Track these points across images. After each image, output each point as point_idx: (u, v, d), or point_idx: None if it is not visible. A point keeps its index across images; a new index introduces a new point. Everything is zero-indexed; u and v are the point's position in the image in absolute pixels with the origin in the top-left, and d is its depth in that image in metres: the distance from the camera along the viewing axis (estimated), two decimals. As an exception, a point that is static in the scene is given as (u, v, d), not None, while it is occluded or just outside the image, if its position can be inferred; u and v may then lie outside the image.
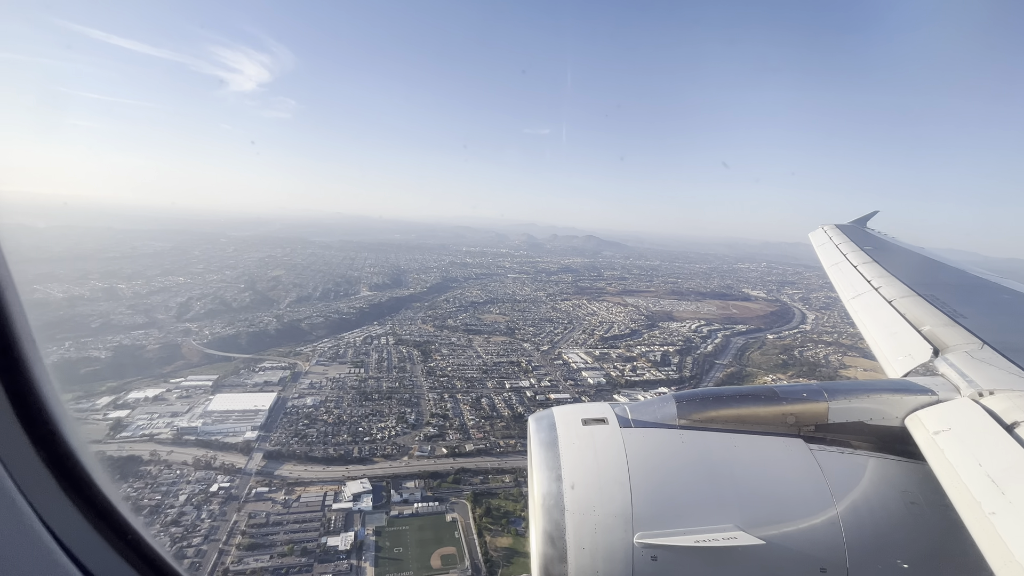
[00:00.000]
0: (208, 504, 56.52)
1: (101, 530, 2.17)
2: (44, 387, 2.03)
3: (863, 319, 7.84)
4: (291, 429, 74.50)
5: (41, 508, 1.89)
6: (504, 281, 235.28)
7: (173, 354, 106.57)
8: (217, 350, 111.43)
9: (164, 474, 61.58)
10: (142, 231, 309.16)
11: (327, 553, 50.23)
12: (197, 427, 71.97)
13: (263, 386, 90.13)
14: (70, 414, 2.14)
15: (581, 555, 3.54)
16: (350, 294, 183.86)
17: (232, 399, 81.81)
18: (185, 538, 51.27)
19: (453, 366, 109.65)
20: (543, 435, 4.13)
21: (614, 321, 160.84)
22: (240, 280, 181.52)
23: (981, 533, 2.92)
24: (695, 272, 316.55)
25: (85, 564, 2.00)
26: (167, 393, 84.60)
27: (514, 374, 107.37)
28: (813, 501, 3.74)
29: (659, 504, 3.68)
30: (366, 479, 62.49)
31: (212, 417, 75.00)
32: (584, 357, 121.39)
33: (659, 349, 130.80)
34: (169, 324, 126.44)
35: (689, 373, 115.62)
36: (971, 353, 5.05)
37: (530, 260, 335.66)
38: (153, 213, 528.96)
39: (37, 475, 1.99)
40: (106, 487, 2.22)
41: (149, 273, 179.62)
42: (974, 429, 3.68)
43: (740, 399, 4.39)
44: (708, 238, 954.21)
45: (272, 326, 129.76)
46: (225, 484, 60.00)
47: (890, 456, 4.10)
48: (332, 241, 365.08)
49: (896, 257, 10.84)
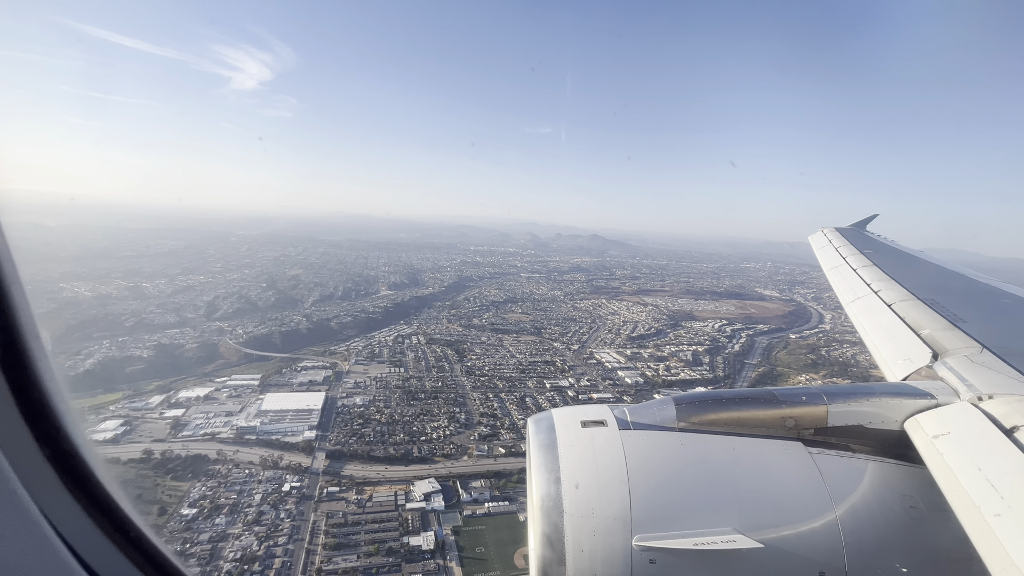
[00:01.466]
0: (284, 503, 56.79)
1: (104, 527, 2.17)
2: (48, 383, 2.02)
3: (863, 322, 7.87)
4: (347, 428, 74.80)
5: (44, 505, 1.87)
6: (518, 280, 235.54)
7: (212, 353, 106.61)
8: (254, 349, 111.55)
9: (234, 473, 61.78)
10: (153, 230, 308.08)
11: (412, 553, 50.52)
12: (256, 426, 72.16)
13: (308, 386, 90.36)
14: (74, 410, 2.14)
15: (580, 557, 3.53)
16: (370, 293, 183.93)
17: (283, 399, 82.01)
18: (270, 537, 51.53)
19: (490, 365, 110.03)
20: (542, 437, 4.11)
21: (637, 321, 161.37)
22: (260, 279, 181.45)
23: (980, 537, 2.92)
24: (704, 271, 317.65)
25: (88, 561, 1.98)
26: (216, 392, 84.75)
27: (551, 374, 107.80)
28: (812, 505, 3.74)
29: (658, 507, 3.67)
30: (433, 479, 62.84)
31: (268, 417, 75.17)
32: (616, 356, 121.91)
33: (688, 349, 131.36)
34: (201, 323, 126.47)
35: (722, 373, 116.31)
36: (970, 357, 5.05)
37: (540, 259, 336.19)
38: (158, 211, 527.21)
39: (40, 471, 1.98)
40: (109, 484, 2.23)
41: (170, 272, 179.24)
42: (973, 433, 3.68)
43: (739, 402, 4.39)
44: (709, 237, 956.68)
45: (303, 325, 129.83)
46: (296, 484, 60.23)
47: (889, 460, 4.10)
48: (340, 240, 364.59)
49: (896, 261, 10.81)
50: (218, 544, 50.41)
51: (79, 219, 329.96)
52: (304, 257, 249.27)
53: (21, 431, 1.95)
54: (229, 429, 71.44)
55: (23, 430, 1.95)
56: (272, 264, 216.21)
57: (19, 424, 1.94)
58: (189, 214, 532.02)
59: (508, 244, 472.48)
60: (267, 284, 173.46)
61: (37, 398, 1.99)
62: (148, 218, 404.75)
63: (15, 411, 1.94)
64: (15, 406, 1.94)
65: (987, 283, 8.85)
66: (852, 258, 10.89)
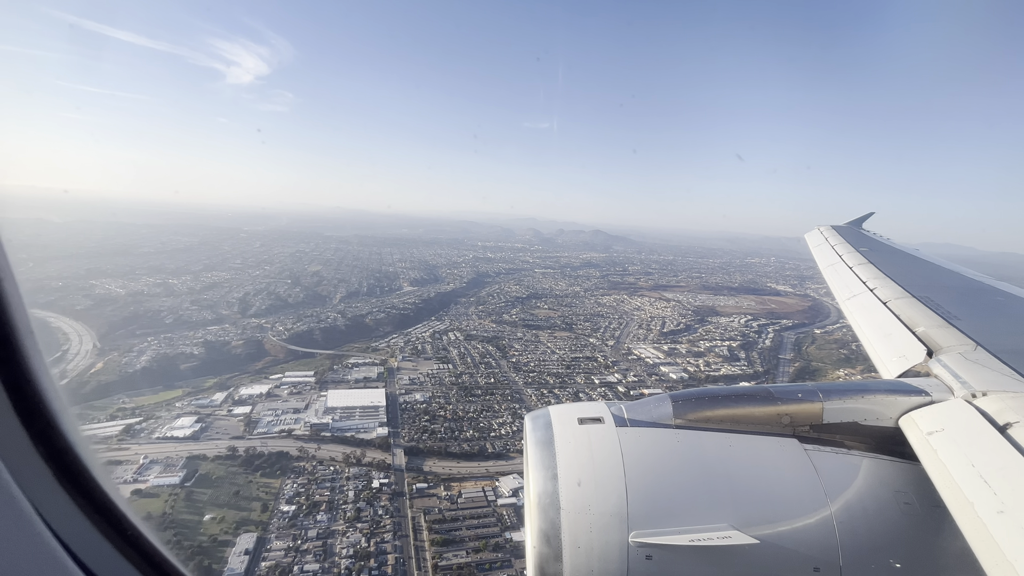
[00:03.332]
0: (377, 500, 57.16)
1: (99, 526, 2.15)
2: (43, 380, 2.00)
3: (858, 320, 7.83)
4: (416, 425, 75.19)
5: (39, 503, 1.86)
6: (534, 276, 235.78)
7: (258, 350, 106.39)
8: (298, 346, 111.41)
9: (320, 470, 62.03)
10: (160, 226, 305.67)
11: (517, 549, 51.11)
12: (328, 423, 72.41)
13: (365, 383, 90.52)
14: (69, 408, 2.14)
15: (576, 554, 3.56)
16: (394, 290, 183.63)
17: (346, 396, 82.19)
18: (375, 534, 51.93)
19: (534, 361, 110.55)
20: (539, 434, 4.13)
21: (663, 317, 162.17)
22: (283, 275, 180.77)
23: (974, 533, 2.95)
24: (711, 267, 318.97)
25: (83, 560, 1.97)
26: (276, 390, 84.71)
27: (596, 369, 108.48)
28: (807, 501, 3.77)
29: (654, 503, 3.69)
30: (516, 475, 63.37)
31: (338, 413, 75.43)
32: (654, 352, 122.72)
33: (722, 344, 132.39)
34: (237, 320, 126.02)
35: (760, 368, 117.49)
36: (965, 355, 5.07)
37: (549, 255, 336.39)
38: (155, 206, 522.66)
39: (35, 470, 1.97)
40: (105, 482, 2.22)
41: (192, 268, 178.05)
42: (967, 430, 3.71)
43: (736, 399, 4.41)
44: (708, 233, 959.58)
45: (340, 322, 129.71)
46: (384, 480, 60.60)
47: (884, 456, 4.12)
48: (347, 236, 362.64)
49: (891, 259, 10.80)
50: (327, 540, 50.80)
51: (82, 215, 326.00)
52: (319, 253, 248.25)
53: (16, 429, 1.92)
54: (302, 426, 71.62)
55: (18, 428, 1.92)
56: (290, 260, 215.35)
57: (14, 422, 1.92)
58: (189, 209, 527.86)
59: (512, 240, 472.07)
60: (292, 281, 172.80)
61: (32, 395, 1.96)
62: (149, 213, 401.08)
63: (10, 408, 1.91)
64: (10, 403, 1.90)
65: (981, 281, 8.91)
66: (848, 256, 10.95)
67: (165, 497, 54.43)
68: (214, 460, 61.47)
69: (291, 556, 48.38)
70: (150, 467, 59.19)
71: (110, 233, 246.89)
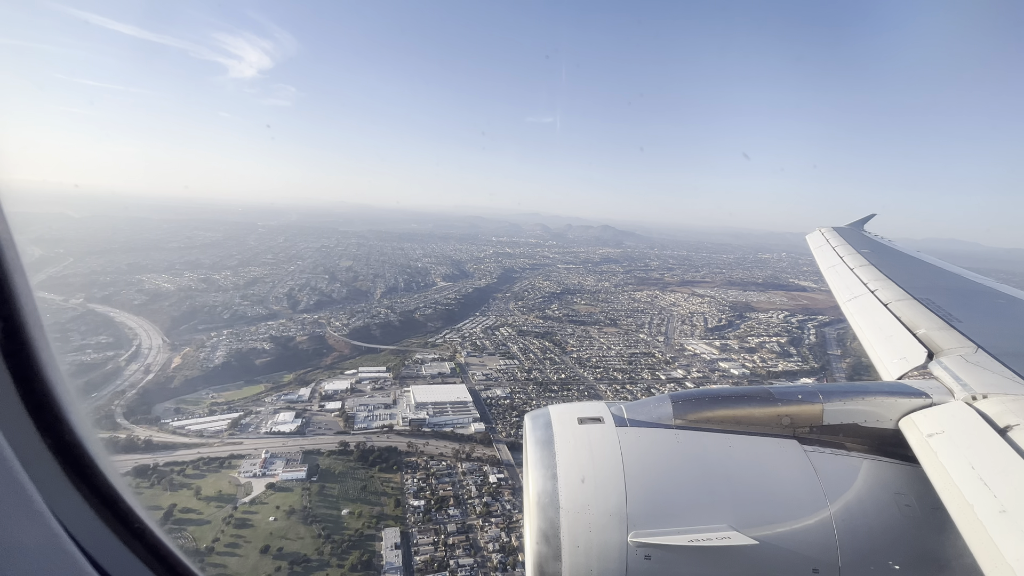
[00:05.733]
0: (500, 495, 57.58)
1: (107, 520, 2.17)
2: (51, 373, 2.00)
3: (859, 321, 7.78)
4: (508, 420, 75.68)
5: (47, 496, 1.87)
6: (558, 271, 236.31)
7: (323, 345, 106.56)
8: (359, 341, 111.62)
9: (432, 465, 62.40)
10: (180, 221, 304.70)
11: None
12: (425, 419, 72.73)
13: (440, 378, 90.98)
14: (78, 402, 2.14)
15: (575, 553, 3.54)
16: (429, 285, 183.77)
17: (429, 391, 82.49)
18: (512, 529, 52.41)
19: (596, 357, 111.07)
20: (539, 433, 4.11)
21: (702, 313, 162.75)
22: (318, 271, 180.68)
23: (973, 536, 2.94)
24: (727, 262, 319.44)
25: (91, 552, 1.98)
26: (358, 385, 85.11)
27: (658, 365, 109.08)
28: (807, 502, 3.76)
29: (653, 503, 3.67)
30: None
31: (431, 409, 75.72)
32: (708, 348, 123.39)
33: (771, 340, 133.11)
34: (290, 315, 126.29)
35: (815, 364, 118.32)
36: (965, 357, 5.07)
37: (566, 250, 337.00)
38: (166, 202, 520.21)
39: (43, 463, 1.98)
40: (112, 476, 2.22)
41: (228, 264, 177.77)
42: (967, 432, 3.71)
43: (736, 400, 4.40)
44: (713, 228, 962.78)
45: (391, 318, 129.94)
46: (499, 476, 61.04)
47: (884, 458, 4.11)
48: (363, 231, 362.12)
49: (892, 260, 10.74)
50: (468, 535, 51.24)
51: (96, 209, 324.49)
52: (343, 249, 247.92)
53: (25, 422, 1.93)
54: (400, 421, 72.02)
55: (27, 421, 1.93)
56: (318, 256, 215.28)
57: (22, 415, 1.93)
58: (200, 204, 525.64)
59: (521, 235, 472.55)
60: (329, 276, 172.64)
61: (40, 388, 1.97)
62: (161, 208, 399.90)
63: (18, 401, 1.91)
64: (18, 396, 1.91)
65: (982, 283, 8.89)
66: (849, 257, 10.91)
67: (298, 492, 54.75)
68: (328, 455, 61.74)
69: (441, 551, 48.78)
70: (272, 461, 59.48)
71: (131, 228, 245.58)
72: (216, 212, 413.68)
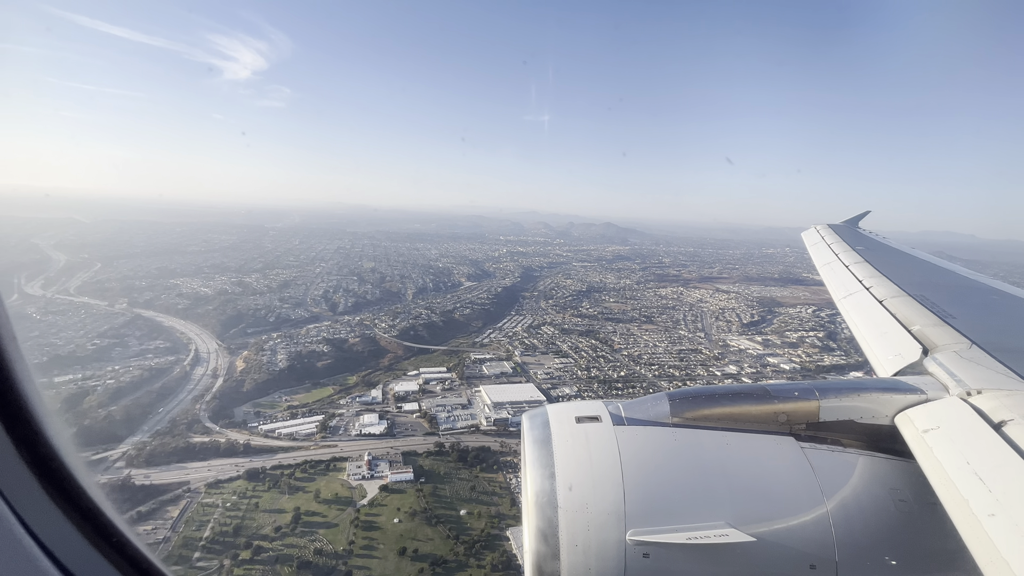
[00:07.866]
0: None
1: (85, 531, 2.10)
2: (26, 385, 1.94)
3: (854, 318, 7.81)
4: (585, 419, 75.73)
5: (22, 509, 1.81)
6: (576, 269, 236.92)
7: (377, 347, 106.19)
8: (410, 342, 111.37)
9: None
10: (192, 224, 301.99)
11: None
12: (508, 418, 72.74)
13: (506, 378, 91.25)
14: (53, 413, 2.09)
15: (574, 552, 3.55)
16: (456, 285, 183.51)
17: (500, 391, 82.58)
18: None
19: (647, 354, 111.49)
20: (537, 433, 4.10)
21: (733, 308, 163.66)
22: (344, 272, 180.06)
23: (968, 530, 2.96)
24: (736, 258, 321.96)
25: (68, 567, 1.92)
26: (427, 386, 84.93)
27: (708, 362, 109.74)
28: (804, 499, 3.77)
29: (651, 501, 3.67)
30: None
31: (509, 408, 75.78)
32: (750, 343, 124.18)
33: (809, 335, 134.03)
34: (332, 317, 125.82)
35: (860, 358, 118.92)
36: (960, 353, 5.10)
37: (577, 248, 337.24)
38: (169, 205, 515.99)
39: (19, 476, 1.91)
40: (89, 487, 2.16)
41: (254, 267, 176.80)
42: (962, 428, 3.72)
43: (733, 397, 4.42)
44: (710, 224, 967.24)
45: (433, 318, 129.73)
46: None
47: (880, 454, 4.13)
48: (372, 232, 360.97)
49: (887, 257, 10.86)
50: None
51: (105, 214, 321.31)
52: (360, 250, 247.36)
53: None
54: (484, 421, 72.07)
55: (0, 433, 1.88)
56: (339, 257, 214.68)
57: None
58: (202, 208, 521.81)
59: (526, 234, 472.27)
60: (357, 278, 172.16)
61: (14, 400, 1.92)
62: (164, 212, 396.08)
63: None
64: None
65: (976, 279, 8.97)
66: (844, 255, 10.95)
67: (412, 493, 54.61)
68: (426, 456, 61.66)
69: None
70: (376, 463, 59.26)
71: (144, 232, 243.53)
72: (221, 215, 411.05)
